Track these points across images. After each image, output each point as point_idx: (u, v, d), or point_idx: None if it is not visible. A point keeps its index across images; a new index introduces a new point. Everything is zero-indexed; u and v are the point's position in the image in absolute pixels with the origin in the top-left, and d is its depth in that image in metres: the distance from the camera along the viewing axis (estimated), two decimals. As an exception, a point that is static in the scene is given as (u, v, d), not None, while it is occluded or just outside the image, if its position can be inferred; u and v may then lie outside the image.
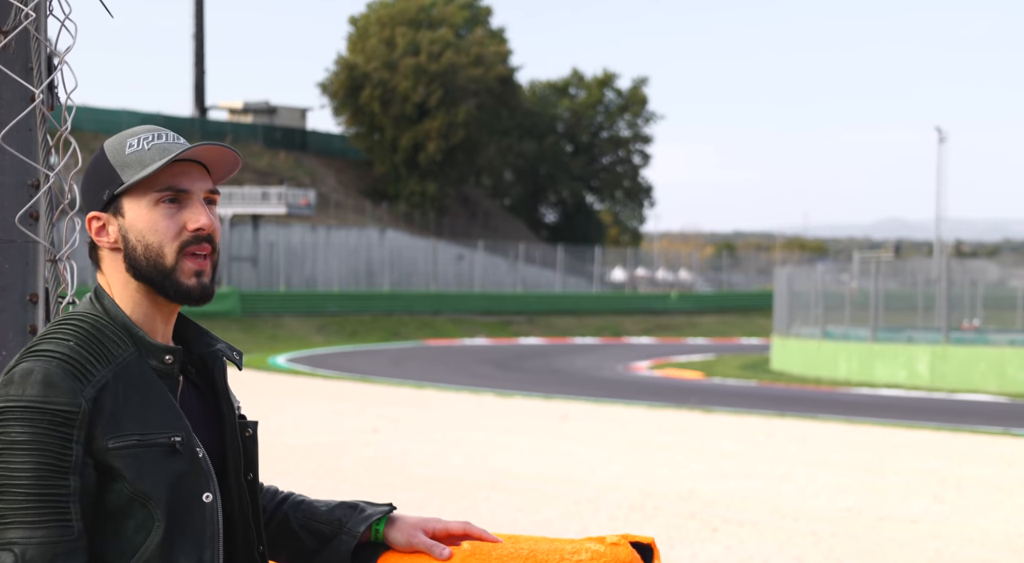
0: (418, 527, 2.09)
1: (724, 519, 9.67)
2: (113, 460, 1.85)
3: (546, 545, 1.87)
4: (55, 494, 1.82)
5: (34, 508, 1.80)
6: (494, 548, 1.89)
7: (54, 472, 1.82)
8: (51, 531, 1.81)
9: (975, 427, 17.61)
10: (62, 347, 1.86)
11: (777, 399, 23.60)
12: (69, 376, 1.84)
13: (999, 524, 9.60)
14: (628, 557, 1.83)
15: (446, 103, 64.24)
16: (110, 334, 1.91)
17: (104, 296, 1.96)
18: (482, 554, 1.89)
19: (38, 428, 1.82)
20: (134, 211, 1.94)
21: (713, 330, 57.63)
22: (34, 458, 1.81)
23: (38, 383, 1.83)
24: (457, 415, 18.73)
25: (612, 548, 1.83)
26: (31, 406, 1.82)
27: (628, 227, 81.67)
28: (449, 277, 60.90)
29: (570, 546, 1.85)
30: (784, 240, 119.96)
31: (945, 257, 38.98)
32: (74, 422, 1.83)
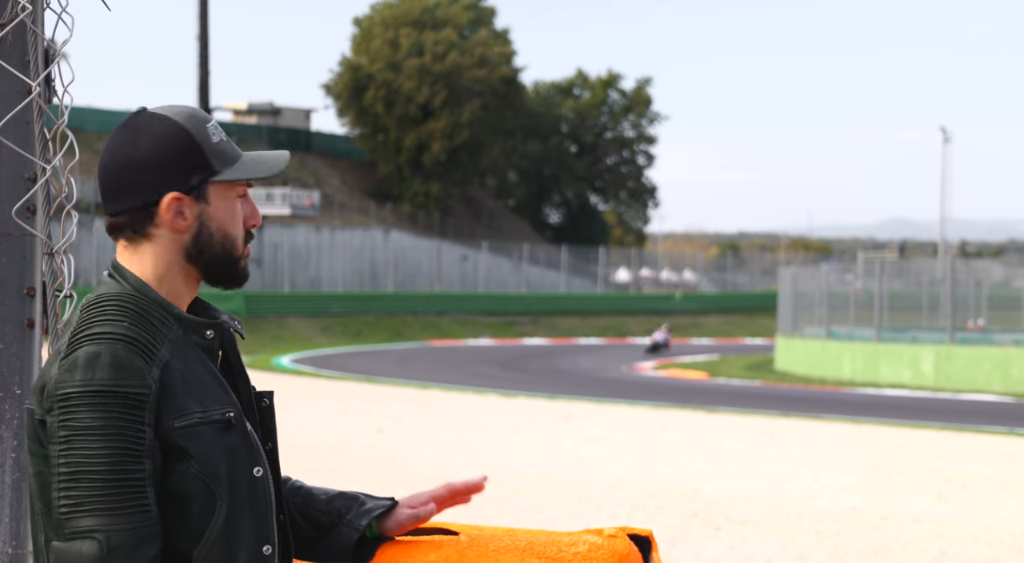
0: (404, 505, 2.11)
1: (727, 518, 9.65)
2: (180, 439, 1.84)
3: (544, 537, 1.86)
4: (133, 479, 1.79)
5: (114, 494, 1.78)
6: (492, 540, 1.89)
7: (130, 456, 1.79)
8: (132, 517, 1.79)
9: (980, 427, 17.58)
10: (120, 328, 1.84)
11: (781, 399, 23.58)
12: (136, 357, 1.82)
13: (1003, 523, 9.58)
14: (626, 549, 1.82)
15: (450, 104, 64.25)
16: (154, 312, 1.90)
17: (130, 275, 1.93)
18: (479, 545, 1.88)
19: (111, 412, 1.79)
20: (220, 201, 1.95)
21: (717, 330, 57.61)
22: (110, 443, 1.78)
23: (107, 366, 1.80)
24: (460, 415, 18.72)
25: (610, 540, 1.82)
26: (103, 390, 1.79)
27: (632, 228, 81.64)
28: (453, 278, 60.90)
29: (568, 538, 1.84)
30: (788, 240, 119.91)
31: (950, 257, 38.93)
32: (145, 404, 1.81)
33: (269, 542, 1.93)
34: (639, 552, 1.83)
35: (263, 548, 1.91)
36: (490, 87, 65.06)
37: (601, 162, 78.20)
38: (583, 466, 12.71)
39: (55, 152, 2.31)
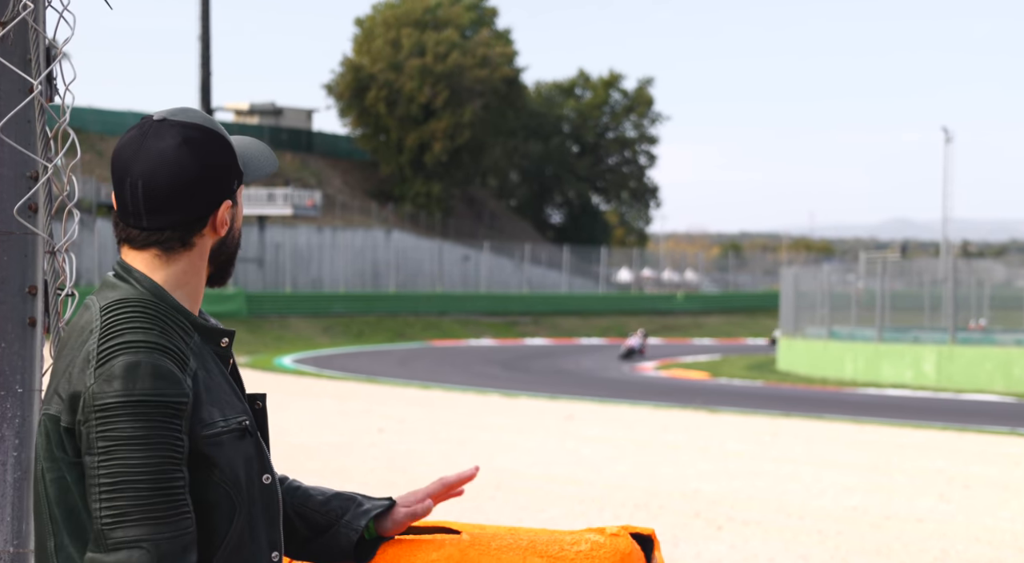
0: (400, 505, 2.11)
1: (729, 518, 9.64)
2: (206, 448, 1.85)
3: (546, 536, 1.86)
4: (175, 488, 1.80)
5: (160, 503, 1.78)
6: (494, 538, 1.88)
7: (172, 465, 1.80)
8: (177, 524, 1.79)
9: (981, 427, 17.57)
10: (153, 336, 1.83)
11: (783, 399, 23.57)
12: (174, 366, 1.82)
13: (1005, 523, 9.58)
14: (628, 548, 1.81)
15: (452, 104, 64.25)
16: (174, 320, 1.89)
17: (144, 278, 1.91)
18: (481, 544, 1.88)
19: (154, 422, 1.78)
20: (239, 200, 2.00)
21: (719, 331, 57.59)
22: (153, 452, 1.78)
23: (148, 376, 1.79)
24: (462, 415, 18.72)
25: (612, 539, 1.82)
26: (145, 400, 1.78)
27: (634, 228, 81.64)
28: (455, 278, 60.90)
29: (570, 537, 1.84)
30: (790, 241, 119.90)
31: (951, 257, 38.91)
32: (183, 413, 1.82)
33: (277, 548, 1.94)
34: (641, 551, 1.83)
35: (272, 555, 1.93)
36: (492, 87, 65.06)
37: (603, 162, 78.19)
38: (585, 466, 12.71)
39: (57, 151, 2.30)
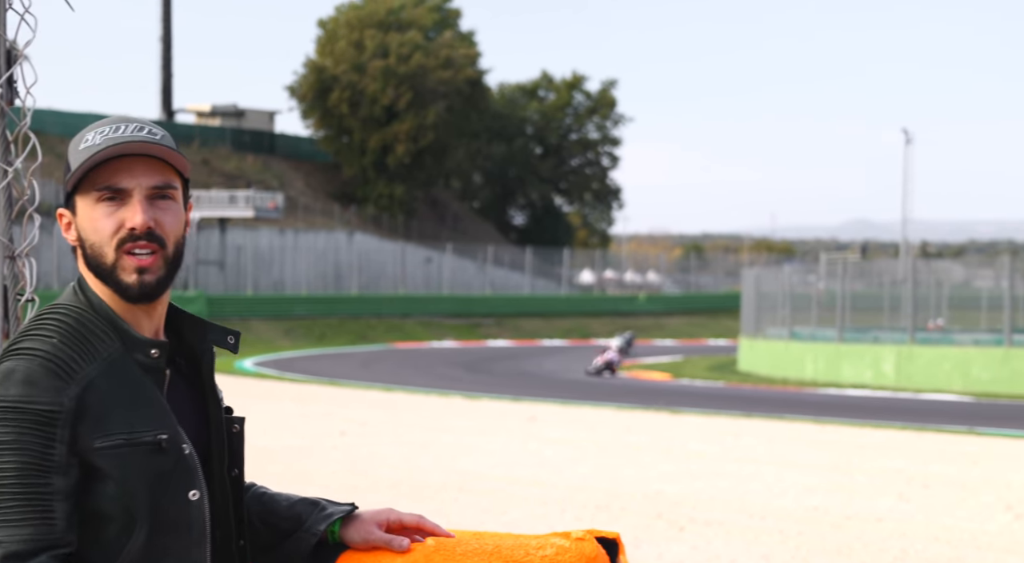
0: (372, 522, 2.06)
1: (691, 519, 9.68)
2: (99, 460, 1.82)
3: (511, 541, 1.86)
4: (38, 493, 1.79)
5: (17, 507, 1.78)
6: (459, 544, 1.88)
7: (37, 471, 1.79)
8: (34, 530, 1.78)
9: (940, 426, 17.71)
10: (45, 344, 1.83)
11: (745, 400, 23.68)
12: (51, 375, 1.81)
13: (964, 522, 9.66)
14: (593, 552, 1.82)
15: (415, 106, 64.14)
16: (95, 328, 1.88)
17: (87, 288, 1.92)
18: (447, 550, 1.88)
19: (21, 428, 1.79)
20: (82, 210, 1.92)
21: (681, 332, 57.79)
22: (17, 458, 1.78)
23: (19, 383, 1.80)
24: (425, 418, 18.69)
25: (577, 543, 1.82)
26: (13, 406, 1.80)
27: (597, 229, 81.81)
28: (418, 280, 60.82)
29: (535, 541, 1.84)
30: (752, 242, 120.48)
31: (911, 258, 39.21)
32: (57, 421, 1.80)
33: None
34: (606, 555, 1.84)
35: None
36: (455, 89, 65.01)
37: (566, 164, 78.29)
38: (548, 468, 12.72)
39: (17, 154, 2.29)
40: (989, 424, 18.17)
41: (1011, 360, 26.10)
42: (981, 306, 34.89)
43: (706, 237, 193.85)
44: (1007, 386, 25.64)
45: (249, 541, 2.07)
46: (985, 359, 26.73)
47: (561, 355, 41.12)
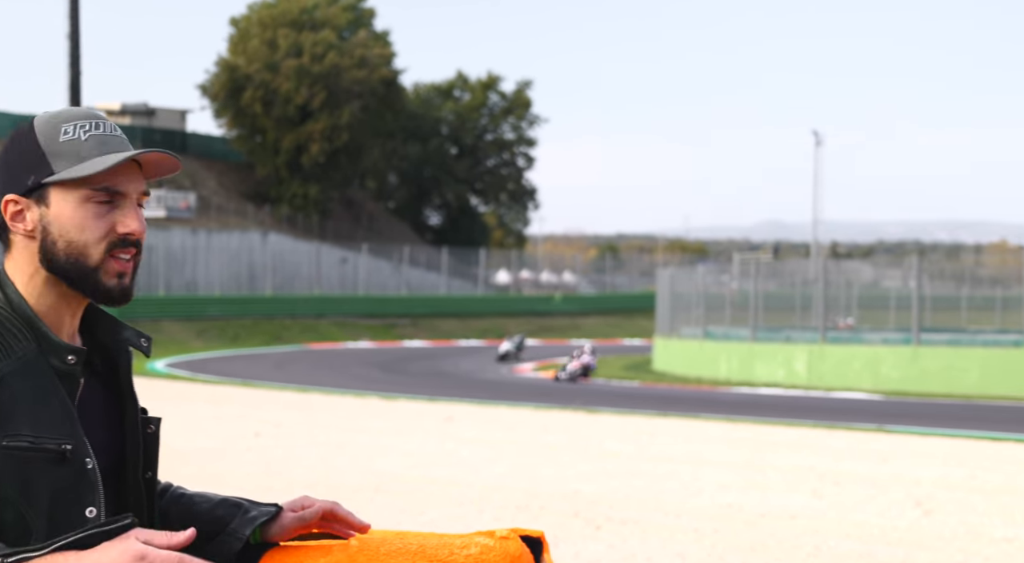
0: (288, 509, 2.04)
1: (608, 517, 9.72)
2: (2, 460, 1.75)
3: (435, 540, 1.84)
4: None
5: None
6: (383, 543, 1.86)
7: None
8: None
9: (851, 424, 18.00)
10: None
11: (660, 399, 23.86)
12: None
13: (875, 518, 9.81)
14: (518, 551, 1.81)
15: (329, 105, 63.76)
16: (11, 326, 1.82)
17: (8, 284, 1.85)
18: (370, 549, 1.86)
19: None
20: (62, 205, 1.85)
21: (596, 331, 58.09)
22: None
23: None
24: (341, 418, 18.58)
25: (502, 542, 1.81)
26: None
27: (512, 230, 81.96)
28: (333, 280, 60.48)
29: (460, 540, 1.83)
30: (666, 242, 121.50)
31: (822, 258, 39.80)
32: None
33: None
34: (531, 554, 1.83)
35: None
36: (370, 88, 64.74)
37: (481, 164, 78.34)
38: (465, 467, 12.71)
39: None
40: (898, 422, 18.50)
41: (919, 359, 26.60)
42: (890, 306, 35.55)
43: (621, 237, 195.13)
44: (915, 384, 26.13)
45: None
46: (894, 358, 27.22)
47: (478, 355, 41.13)
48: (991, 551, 8.51)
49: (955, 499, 10.73)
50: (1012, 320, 33.32)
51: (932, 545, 8.71)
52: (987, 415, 20.39)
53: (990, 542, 8.82)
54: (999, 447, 15.18)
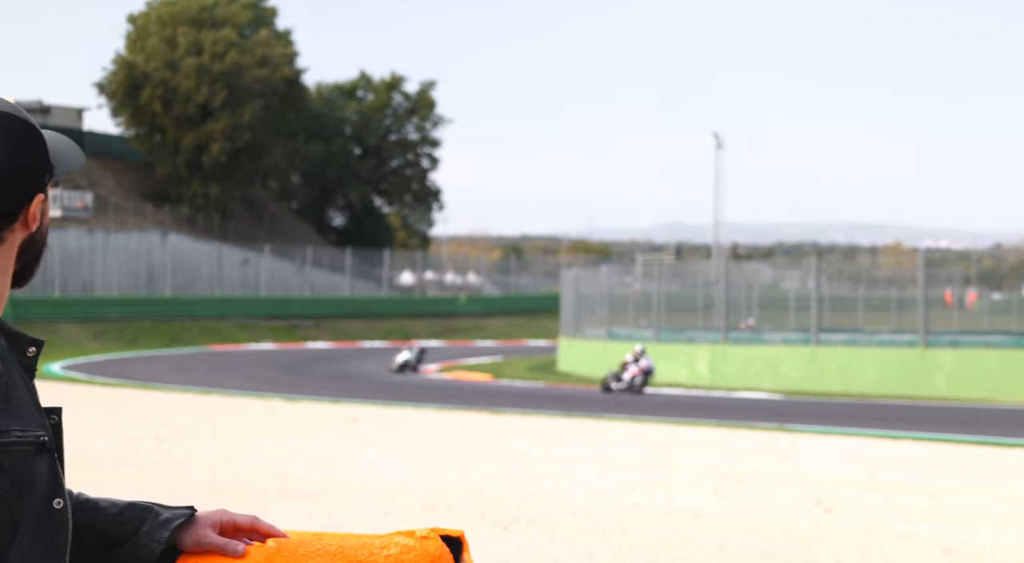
0: (206, 524, 1.96)
1: (515, 518, 9.72)
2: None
3: (354, 541, 1.81)
4: None
5: None
6: (300, 545, 1.82)
7: None
8: None
9: (753, 423, 18.23)
10: None
11: (564, 399, 23.95)
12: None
13: (777, 516, 9.93)
14: (438, 550, 1.78)
15: (231, 104, 63.03)
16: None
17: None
18: (288, 551, 1.82)
19: None
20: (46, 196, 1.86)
21: (501, 332, 58.18)
22: None
23: None
24: (244, 421, 18.36)
25: (422, 542, 1.78)
26: None
27: (417, 231, 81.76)
28: (234, 281, 59.81)
29: (379, 541, 1.80)
30: (569, 243, 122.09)
31: (723, 260, 40.28)
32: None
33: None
34: (451, 553, 1.81)
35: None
36: (272, 88, 64.11)
37: (385, 165, 78.03)
38: (370, 469, 12.63)
39: None
40: (798, 421, 18.78)
41: (818, 358, 27.05)
42: (789, 306, 36.08)
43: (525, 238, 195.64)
44: (815, 384, 26.56)
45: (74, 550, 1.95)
46: (794, 358, 27.65)
47: (382, 356, 40.95)
48: (890, 548, 8.66)
49: (855, 497, 10.91)
50: (907, 320, 34.04)
51: (833, 542, 8.84)
52: (884, 414, 20.80)
53: (889, 539, 8.98)
54: (896, 445, 15.48)
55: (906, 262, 52.42)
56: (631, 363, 25.97)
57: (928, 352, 25.62)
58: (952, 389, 24.68)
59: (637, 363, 25.85)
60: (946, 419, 19.51)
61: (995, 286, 55.10)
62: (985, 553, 8.39)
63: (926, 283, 27.13)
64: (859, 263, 59.64)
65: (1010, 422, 18.94)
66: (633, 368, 25.80)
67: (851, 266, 55.63)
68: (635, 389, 25.67)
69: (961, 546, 8.67)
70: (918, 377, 25.31)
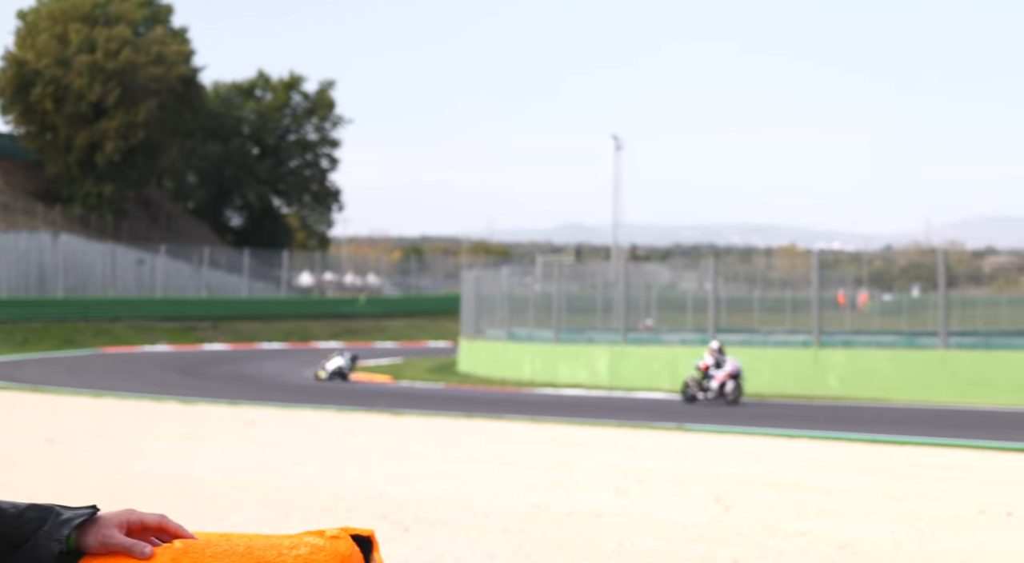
0: (112, 524, 1.91)
1: (416, 519, 9.69)
2: None
3: (262, 541, 1.78)
4: None
5: None
6: (207, 546, 1.78)
7: None
8: None
9: (652, 423, 18.39)
10: None
11: (465, 400, 23.94)
12: None
13: (677, 515, 10.02)
14: (348, 550, 1.76)
15: (125, 102, 61.95)
16: None
17: None
18: (195, 552, 1.78)
19: None
20: None
21: (401, 334, 57.98)
22: None
23: None
24: (139, 424, 18.05)
25: (332, 541, 1.76)
26: None
27: (316, 231, 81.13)
28: (129, 282, 58.81)
29: (288, 541, 1.77)
30: (470, 244, 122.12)
31: (622, 261, 40.61)
32: None
33: None
34: (361, 553, 1.78)
35: None
36: (167, 86, 63.15)
37: (284, 165, 77.30)
38: (269, 471, 12.49)
39: None
40: (696, 420, 18.99)
41: (715, 358, 27.36)
42: (687, 307, 36.46)
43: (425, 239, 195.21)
44: (712, 383, 26.86)
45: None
46: (692, 358, 27.94)
47: (281, 358, 40.56)
48: (786, 545, 8.79)
49: (752, 495, 11.06)
50: (801, 321, 34.61)
51: (732, 540, 8.94)
52: (780, 413, 21.11)
53: (785, 536, 9.11)
54: (792, 444, 15.73)
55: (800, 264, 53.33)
56: (712, 367, 23.08)
57: (822, 352, 26.07)
58: (845, 388, 25.15)
59: (720, 367, 22.91)
60: (839, 418, 19.87)
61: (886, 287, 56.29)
62: (878, 550, 8.56)
63: (820, 284, 27.60)
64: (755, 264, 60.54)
65: (900, 421, 19.36)
66: (718, 373, 22.89)
67: (747, 267, 56.44)
68: (729, 398, 22.60)
69: (855, 542, 8.83)
70: (812, 377, 25.75)
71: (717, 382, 22.76)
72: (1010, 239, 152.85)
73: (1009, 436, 16.30)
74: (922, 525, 9.43)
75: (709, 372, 23.08)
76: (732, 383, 22.60)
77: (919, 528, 9.30)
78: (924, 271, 49.87)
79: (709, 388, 22.91)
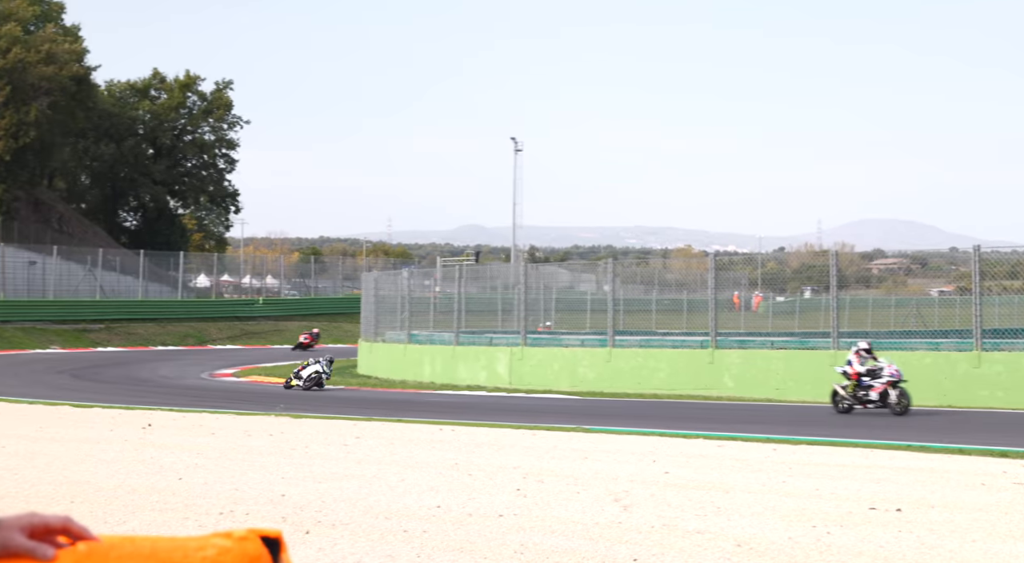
0: (14, 527, 1.88)
1: (317, 521, 9.64)
2: None
3: (168, 543, 1.77)
4: None
5: None
6: (112, 548, 1.77)
7: None
8: None
9: (551, 424, 18.48)
10: None
11: (365, 402, 23.84)
12: None
13: (577, 515, 10.10)
14: (256, 551, 1.76)
15: (15, 101, 60.64)
16: None
17: None
18: (98, 555, 1.76)
19: None
20: None
21: (299, 336, 57.48)
22: None
23: None
24: (31, 428, 17.68)
25: (240, 543, 1.76)
26: None
27: (213, 233, 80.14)
28: (19, 284, 57.54)
29: (195, 542, 1.76)
30: (369, 246, 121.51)
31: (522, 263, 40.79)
32: None
33: None
34: (269, 554, 1.79)
35: None
36: (59, 85, 61.94)
37: (180, 166, 76.24)
38: (166, 474, 12.33)
39: None
40: (595, 421, 19.13)
41: (614, 360, 27.60)
42: (586, 309, 36.71)
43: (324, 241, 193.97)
44: (610, 384, 27.09)
45: None
46: (590, 359, 28.13)
47: (177, 360, 40.00)
48: (685, 543, 8.91)
49: (651, 494, 11.18)
50: (697, 322, 35.04)
51: (631, 539, 9.04)
52: (677, 413, 21.35)
53: (684, 534, 9.23)
54: (689, 443, 15.92)
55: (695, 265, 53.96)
56: (863, 374, 19.94)
57: (717, 353, 26.42)
58: (739, 388, 25.51)
59: (876, 376, 19.76)
60: (734, 417, 20.15)
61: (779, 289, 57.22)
62: (774, 547, 8.71)
63: (716, 286, 27.97)
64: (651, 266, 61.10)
65: (794, 420, 19.69)
66: (875, 382, 19.84)
67: (644, 270, 56.95)
68: (897, 409, 19.41)
69: (751, 539, 8.98)
70: (708, 377, 26.08)
71: (876, 392, 19.76)
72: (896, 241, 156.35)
73: (898, 435, 16.69)
74: (816, 521, 9.62)
75: (862, 380, 19.94)
76: (895, 392, 19.56)
77: (813, 524, 9.49)
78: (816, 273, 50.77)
79: (868, 399, 19.92)
